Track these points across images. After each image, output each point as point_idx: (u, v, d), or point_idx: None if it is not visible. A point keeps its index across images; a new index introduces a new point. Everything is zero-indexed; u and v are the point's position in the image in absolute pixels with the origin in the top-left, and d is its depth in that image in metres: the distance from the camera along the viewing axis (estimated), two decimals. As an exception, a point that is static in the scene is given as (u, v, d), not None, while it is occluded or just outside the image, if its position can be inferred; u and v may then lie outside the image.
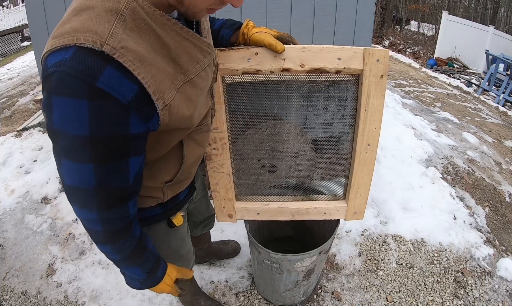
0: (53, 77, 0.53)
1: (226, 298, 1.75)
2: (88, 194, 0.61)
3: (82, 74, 0.51)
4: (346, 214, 1.22)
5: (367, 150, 1.09)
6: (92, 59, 0.52)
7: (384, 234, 2.11)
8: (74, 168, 0.59)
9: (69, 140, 0.56)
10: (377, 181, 2.51)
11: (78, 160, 0.58)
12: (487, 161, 3.09)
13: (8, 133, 3.33)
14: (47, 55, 0.55)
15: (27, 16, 2.07)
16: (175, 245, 1.09)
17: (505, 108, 5.14)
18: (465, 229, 2.19)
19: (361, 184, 1.18)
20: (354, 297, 1.75)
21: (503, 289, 1.85)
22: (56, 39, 0.54)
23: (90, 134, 0.55)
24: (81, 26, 0.53)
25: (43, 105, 0.57)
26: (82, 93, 0.52)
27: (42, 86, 0.57)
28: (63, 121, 0.54)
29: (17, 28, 10.40)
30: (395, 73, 6.11)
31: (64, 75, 0.52)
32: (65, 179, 0.61)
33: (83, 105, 0.52)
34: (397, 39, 10.55)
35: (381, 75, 0.98)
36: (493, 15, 11.72)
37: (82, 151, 0.57)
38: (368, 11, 2.34)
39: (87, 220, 0.67)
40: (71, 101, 0.52)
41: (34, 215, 2.29)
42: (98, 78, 0.52)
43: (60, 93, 0.53)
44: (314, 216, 1.23)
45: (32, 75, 5.76)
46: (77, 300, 1.75)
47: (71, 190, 0.63)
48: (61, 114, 0.54)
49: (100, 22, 0.53)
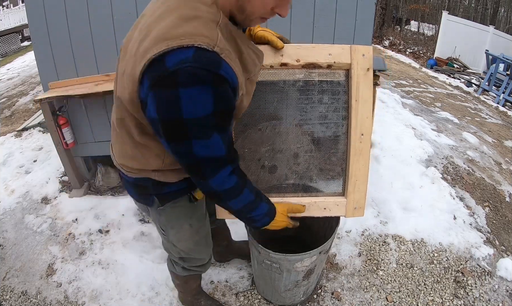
0: (179, 73, 0.66)
1: (226, 298, 1.75)
2: (218, 160, 0.80)
3: (208, 66, 0.67)
4: (346, 210, 1.21)
5: (361, 140, 1.17)
6: (210, 55, 0.68)
7: (384, 234, 2.11)
8: (204, 144, 0.75)
9: (197, 122, 0.71)
10: (377, 181, 2.51)
11: (205, 135, 0.74)
12: (487, 161, 3.09)
13: (8, 133, 3.33)
14: (164, 56, 0.67)
15: (27, 16, 2.06)
16: (196, 225, 1.20)
17: (505, 108, 5.14)
18: (465, 229, 2.19)
19: (359, 176, 1.20)
20: (354, 297, 1.75)
21: (503, 289, 1.85)
22: (171, 41, 0.66)
23: (213, 110, 0.71)
24: (195, 31, 0.68)
25: (164, 101, 0.69)
26: (208, 80, 0.67)
27: (156, 83, 0.68)
28: (192, 107, 0.68)
29: (17, 28, 10.40)
30: (395, 73, 6.11)
31: (191, 69, 0.66)
32: (195, 156, 0.77)
33: (209, 89, 0.68)
34: (397, 39, 10.55)
35: (367, 68, 1.11)
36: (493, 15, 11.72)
37: (207, 127, 0.73)
38: (368, 11, 2.34)
39: (224, 181, 0.85)
40: (198, 88, 0.67)
41: (34, 215, 2.29)
42: (220, 68, 0.69)
43: (188, 85, 0.66)
44: (314, 211, 1.22)
45: (32, 75, 5.76)
46: (77, 300, 1.75)
47: (202, 163, 0.80)
48: (189, 102, 0.68)
49: (209, 29, 0.70)
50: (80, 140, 2.43)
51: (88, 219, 2.23)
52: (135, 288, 1.79)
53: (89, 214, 2.27)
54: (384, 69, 2.11)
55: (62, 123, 2.21)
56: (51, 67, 2.19)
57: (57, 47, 2.14)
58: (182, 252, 1.27)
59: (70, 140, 2.30)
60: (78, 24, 2.08)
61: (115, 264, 1.92)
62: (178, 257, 1.31)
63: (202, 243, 1.28)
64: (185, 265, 1.35)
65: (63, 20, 2.06)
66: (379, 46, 9.46)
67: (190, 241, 1.23)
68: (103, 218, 2.24)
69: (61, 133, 2.24)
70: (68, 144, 2.30)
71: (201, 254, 1.32)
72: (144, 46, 0.71)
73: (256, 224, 1.05)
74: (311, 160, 1.25)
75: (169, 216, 1.14)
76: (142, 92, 0.73)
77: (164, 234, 1.22)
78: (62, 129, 2.23)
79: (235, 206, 0.95)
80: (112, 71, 2.22)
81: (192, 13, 0.70)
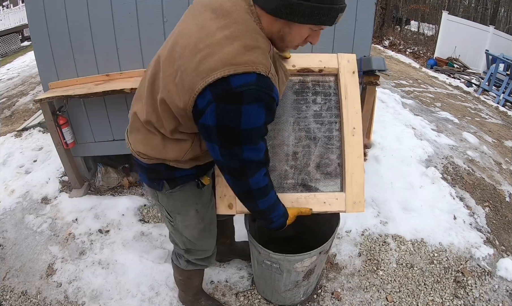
0: (244, 93, 0.81)
1: (226, 298, 1.75)
2: (260, 162, 0.96)
3: (266, 89, 0.84)
4: (346, 204, 1.25)
5: (354, 133, 1.28)
6: (266, 81, 0.84)
7: (384, 234, 2.11)
8: (252, 149, 0.91)
9: (251, 131, 0.87)
10: (377, 181, 2.51)
11: (255, 142, 0.91)
12: (487, 161, 3.09)
13: (8, 133, 3.33)
14: (229, 77, 0.80)
15: (27, 16, 2.06)
16: (201, 211, 1.27)
17: (505, 108, 5.14)
18: (465, 229, 2.19)
19: (355, 169, 1.26)
20: (354, 297, 1.75)
21: (503, 289, 1.85)
22: (237, 67, 0.80)
23: (264, 122, 0.89)
24: (257, 60, 0.82)
25: (226, 113, 0.83)
26: (263, 100, 0.84)
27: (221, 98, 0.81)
28: (249, 120, 0.85)
29: (17, 28, 10.40)
30: (395, 73, 6.11)
31: (254, 91, 0.82)
32: (243, 159, 0.91)
33: (263, 107, 0.85)
34: (397, 39, 10.55)
35: (353, 71, 1.32)
36: (493, 15, 11.72)
37: (257, 135, 0.91)
38: (368, 11, 2.34)
39: (260, 181, 0.99)
40: (256, 105, 0.84)
41: (34, 215, 2.29)
42: (272, 91, 0.87)
43: (250, 103, 0.82)
44: (314, 205, 1.25)
45: (32, 75, 5.76)
46: (77, 300, 1.75)
47: (248, 165, 0.94)
48: (248, 116, 0.84)
49: (265, 59, 0.85)
50: (80, 140, 2.43)
51: (88, 219, 2.23)
52: (135, 288, 1.79)
53: (89, 214, 2.27)
54: (384, 69, 2.11)
55: (62, 123, 2.21)
56: (51, 67, 2.19)
57: (57, 47, 2.14)
58: (188, 242, 1.31)
59: (70, 140, 2.30)
60: (78, 24, 2.08)
61: (115, 264, 1.93)
62: (183, 248, 1.35)
63: (206, 231, 1.34)
64: (189, 257, 1.37)
65: (63, 20, 2.06)
66: (379, 46, 9.46)
67: (196, 229, 1.28)
68: (103, 218, 2.24)
69: (61, 133, 2.24)
70: (68, 144, 2.30)
71: (206, 243, 1.36)
72: (209, 66, 0.81)
73: (274, 225, 1.15)
74: (309, 156, 1.30)
75: (177, 200, 1.21)
76: (201, 103, 0.84)
77: (171, 221, 1.27)
78: (62, 129, 2.23)
79: (262, 205, 1.06)
80: (112, 71, 2.22)
81: (253, 43, 0.84)
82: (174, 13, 2.09)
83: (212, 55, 0.82)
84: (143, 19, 2.10)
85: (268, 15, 0.85)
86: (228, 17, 0.85)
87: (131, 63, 2.22)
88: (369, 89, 2.23)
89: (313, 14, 0.82)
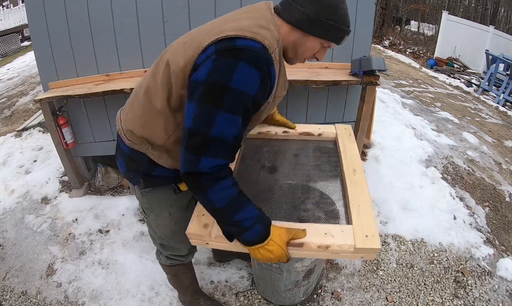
0: (245, 51, 0.83)
1: (226, 298, 1.75)
2: (226, 143, 0.87)
3: (266, 61, 0.86)
4: (354, 237, 0.98)
5: (355, 174, 1.26)
6: (269, 56, 0.88)
7: (384, 234, 2.11)
8: (229, 119, 0.84)
9: (238, 96, 0.84)
10: (377, 181, 2.51)
11: (236, 111, 0.85)
12: (487, 161, 3.09)
13: (8, 133, 3.33)
14: (236, 38, 0.85)
15: (27, 16, 2.06)
16: (175, 214, 1.24)
17: (505, 108, 5.14)
18: (465, 229, 2.19)
19: (361, 201, 1.10)
20: (354, 297, 1.75)
21: (503, 289, 1.85)
22: (247, 32, 0.85)
23: (254, 95, 0.87)
24: (266, 35, 0.88)
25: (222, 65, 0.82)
26: (261, 69, 0.85)
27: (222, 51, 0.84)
28: (241, 80, 0.83)
29: (17, 28, 10.40)
30: (395, 73, 6.11)
31: (255, 55, 0.84)
32: (213, 130, 0.84)
33: (259, 76, 0.85)
34: (397, 39, 10.55)
35: (349, 134, 1.49)
36: (493, 15, 11.72)
37: (242, 107, 0.86)
38: (368, 11, 2.34)
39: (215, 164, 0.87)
40: (254, 70, 0.84)
41: (34, 215, 2.29)
42: (272, 67, 0.89)
43: (248, 63, 0.83)
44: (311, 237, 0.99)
45: (32, 75, 5.76)
46: (77, 300, 1.75)
47: (213, 137, 0.85)
48: (242, 75, 0.83)
49: (273, 40, 0.90)
50: (80, 140, 2.43)
51: (88, 219, 2.23)
52: (135, 288, 1.79)
53: (89, 214, 2.27)
54: (384, 69, 2.11)
55: (62, 123, 2.22)
56: (51, 67, 2.19)
57: (57, 47, 2.14)
58: (160, 238, 1.32)
59: (70, 140, 2.30)
60: (78, 24, 2.08)
61: (115, 264, 1.92)
62: (159, 243, 1.35)
63: (180, 234, 1.23)
64: (166, 253, 1.38)
65: (63, 20, 2.06)
66: (379, 46, 9.46)
67: (168, 229, 1.27)
68: (103, 218, 2.24)
69: (61, 133, 2.24)
70: (68, 144, 2.30)
71: (178, 244, 1.34)
72: (220, 29, 0.88)
73: (247, 233, 0.92)
74: (307, 194, 1.21)
75: (151, 200, 1.21)
76: (201, 58, 0.87)
77: (146, 217, 1.29)
78: (62, 129, 2.23)
79: (215, 198, 0.89)
80: (112, 71, 2.23)
81: (266, 25, 0.91)
82: (174, 13, 2.09)
83: (227, 23, 0.91)
84: (143, 19, 2.10)
85: (288, 25, 0.95)
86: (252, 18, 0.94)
87: (131, 63, 2.22)
88: (369, 89, 2.23)
89: (328, 31, 0.93)
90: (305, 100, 2.56)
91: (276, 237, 0.95)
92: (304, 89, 2.49)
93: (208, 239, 1.04)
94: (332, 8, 0.91)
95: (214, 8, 2.12)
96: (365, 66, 2.12)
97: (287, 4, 0.95)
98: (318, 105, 2.61)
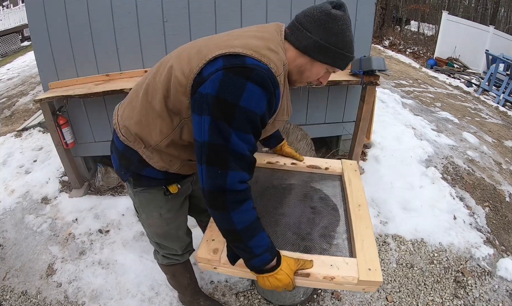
0: (254, 71, 0.84)
1: (226, 298, 1.75)
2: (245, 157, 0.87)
3: (272, 82, 0.88)
4: (358, 270, 1.02)
5: (360, 209, 1.28)
6: (274, 78, 0.89)
7: (384, 234, 2.11)
8: (241, 136, 0.86)
9: (248, 113, 0.84)
10: (377, 181, 2.51)
11: (247, 130, 0.86)
12: (487, 161, 3.09)
13: (8, 133, 3.33)
14: (245, 57, 0.86)
15: (27, 16, 2.06)
16: (166, 216, 1.23)
17: (505, 108, 5.14)
18: (465, 229, 2.19)
19: (365, 236, 1.15)
20: (354, 297, 1.75)
21: (503, 289, 1.85)
22: (256, 53, 0.88)
23: (263, 113, 0.88)
24: (273, 59, 0.90)
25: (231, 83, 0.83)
26: (268, 89, 0.87)
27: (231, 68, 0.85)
28: (250, 100, 0.84)
29: (17, 28, 10.40)
30: (395, 73, 6.11)
31: (263, 75, 0.85)
32: (230, 145, 0.85)
33: (267, 96, 0.87)
34: (397, 39, 10.55)
35: (355, 169, 1.53)
36: (493, 15, 11.71)
37: (251, 125, 0.87)
38: (368, 11, 2.34)
39: (236, 181, 0.87)
40: (261, 89, 0.85)
41: (34, 215, 2.29)
42: (278, 88, 0.91)
43: (257, 83, 0.84)
44: (317, 268, 1.03)
45: (32, 75, 5.76)
46: (77, 300, 1.75)
47: (232, 151, 0.85)
48: (251, 96, 0.84)
49: (280, 64, 0.92)
50: (80, 140, 2.43)
51: (88, 219, 2.23)
52: (135, 288, 1.79)
53: (89, 214, 2.27)
54: (384, 69, 2.12)
55: (62, 123, 2.22)
56: (51, 67, 2.19)
57: (57, 47, 2.14)
58: (154, 237, 1.33)
59: (70, 140, 2.30)
60: (78, 24, 2.09)
61: (115, 264, 1.93)
62: (154, 241, 1.36)
63: (171, 234, 1.31)
64: (162, 252, 1.38)
65: (63, 20, 2.07)
66: (379, 46, 9.46)
67: (160, 229, 1.28)
68: (103, 218, 2.24)
69: (61, 133, 2.24)
70: (68, 144, 2.30)
71: (172, 243, 1.35)
72: (230, 43, 0.90)
73: (256, 261, 0.93)
74: (313, 227, 1.22)
75: (142, 200, 1.21)
76: (208, 69, 0.88)
77: (138, 216, 1.30)
78: (62, 129, 2.23)
79: (237, 220, 0.88)
80: (112, 71, 2.23)
81: (275, 48, 0.93)
82: (174, 13, 2.09)
83: (237, 39, 0.92)
84: (143, 19, 2.10)
85: (295, 50, 0.96)
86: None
87: (131, 63, 2.22)
88: (369, 89, 2.24)
89: (334, 57, 0.95)
90: (305, 100, 2.57)
91: (286, 266, 0.97)
92: (304, 89, 2.50)
93: (217, 264, 1.06)
94: (339, 36, 0.92)
95: (214, 8, 2.12)
96: (365, 66, 2.13)
97: (295, 29, 0.95)
98: (318, 105, 2.61)
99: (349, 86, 2.55)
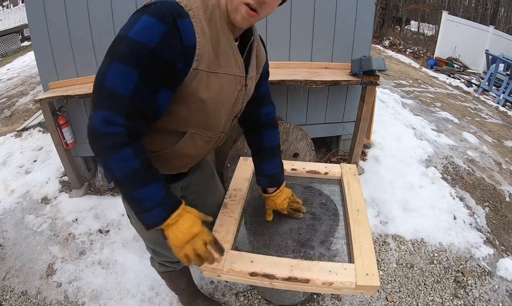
0: (153, 5, 0.76)
1: (226, 298, 1.75)
2: (119, 98, 0.75)
3: (174, 13, 0.76)
4: (356, 275, 1.06)
5: (358, 214, 1.28)
6: (181, 10, 0.77)
7: (384, 234, 2.11)
8: (123, 72, 0.74)
9: (131, 46, 0.74)
10: (377, 181, 2.51)
11: (129, 64, 0.74)
12: (487, 161, 3.09)
13: (8, 133, 3.33)
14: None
15: (27, 16, 2.06)
16: None
17: (505, 108, 5.14)
18: (465, 229, 2.19)
19: (363, 241, 1.16)
20: (354, 297, 1.75)
21: (503, 289, 1.85)
22: None
23: (153, 47, 0.74)
24: None
25: (127, 23, 0.77)
26: (164, 21, 0.75)
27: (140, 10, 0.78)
28: (139, 31, 0.74)
29: (17, 28, 10.39)
30: (395, 73, 6.11)
31: (162, 7, 0.75)
32: (106, 83, 0.75)
33: (161, 29, 0.74)
34: (397, 39, 10.54)
35: (354, 174, 1.52)
36: (493, 15, 11.72)
37: (136, 58, 0.74)
38: (368, 11, 2.34)
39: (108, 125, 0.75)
40: (155, 21, 0.74)
41: (34, 215, 2.29)
42: (181, 19, 0.76)
43: (151, 15, 0.75)
44: (317, 274, 1.05)
45: (32, 75, 5.76)
46: (77, 300, 1.75)
47: (113, 95, 0.75)
48: (141, 27, 0.75)
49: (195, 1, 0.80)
50: (80, 140, 2.43)
51: (88, 219, 2.23)
52: (135, 288, 1.79)
53: (89, 214, 2.27)
54: (384, 69, 2.11)
55: (62, 123, 2.22)
56: (51, 67, 2.19)
57: (57, 47, 2.14)
58: (147, 242, 1.28)
59: (70, 140, 2.30)
60: (78, 24, 2.08)
61: (115, 264, 1.93)
62: (149, 247, 1.31)
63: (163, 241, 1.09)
64: (158, 259, 1.34)
65: (63, 20, 2.07)
66: (379, 46, 9.46)
67: (149, 235, 1.17)
68: (103, 218, 2.24)
69: (61, 133, 2.24)
70: (68, 144, 2.30)
71: (165, 251, 1.26)
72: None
73: (144, 215, 0.84)
74: (313, 233, 1.23)
75: None
76: None
77: (130, 220, 1.22)
78: (62, 129, 2.23)
79: (114, 166, 0.78)
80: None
81: None
82: (174, 13, 2.09)
83: None
84: (143, 19, 2.10)
85: None
86: None
87: (131, 63, 2.22)
88: (369, 89, 2.24)
89: None
90: (305, 100, 2.57)
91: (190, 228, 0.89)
92: (304, 89, 2.50)
93: (221, 272, 1.06)
94: None
95: (214, 8, 2.12)
96: (365, 66, 2.13)
97: None
98: (318, 105, 2.61)
99: (349, 86, 2.55)
